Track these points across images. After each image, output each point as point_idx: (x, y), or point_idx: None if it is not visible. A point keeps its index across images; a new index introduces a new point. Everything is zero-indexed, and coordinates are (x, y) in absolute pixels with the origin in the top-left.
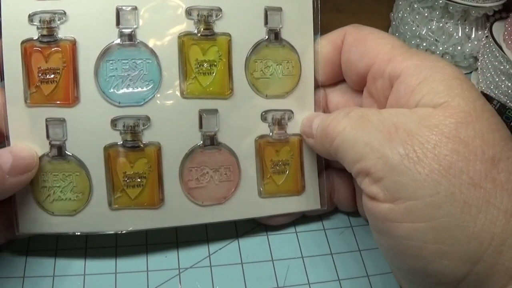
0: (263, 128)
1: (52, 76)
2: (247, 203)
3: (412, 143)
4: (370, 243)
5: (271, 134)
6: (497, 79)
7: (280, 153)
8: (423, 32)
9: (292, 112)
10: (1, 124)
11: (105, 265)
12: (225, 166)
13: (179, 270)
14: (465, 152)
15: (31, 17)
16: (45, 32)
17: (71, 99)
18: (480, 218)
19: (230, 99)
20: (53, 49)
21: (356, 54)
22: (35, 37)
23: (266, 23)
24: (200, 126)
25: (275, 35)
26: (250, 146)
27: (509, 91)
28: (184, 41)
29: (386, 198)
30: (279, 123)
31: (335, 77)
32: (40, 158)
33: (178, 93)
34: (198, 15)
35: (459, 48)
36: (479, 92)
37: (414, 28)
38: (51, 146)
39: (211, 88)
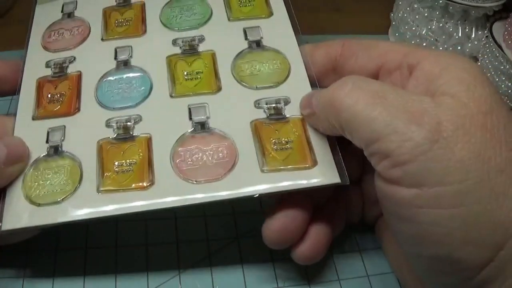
0: (258, 114)
1: (59, 97)
2: (248, 178)
3: (441, 130)
4: (370, 243)
5: (267, 116)
6: (497, 79)
7: (280, 132)
8: (423, 32)
9: (288, 98)
10: None
11: (105, 265)
12: (219, 147)
13: (179, 270)
14: (492, 140)
15: (48, 64)
16: (57, 70)
17: (73, 109)
18: (506, 204)
19: (219, 94)
20: (62, 79)
21: (364, 57)
22: (49, 74)
23: (246, 38)
24: (190, 117)
25: (256, 43)
26: (245, 128)
27: (509, 91)
28: (171, 60)
29: (411, 183)
30: (275, 107)
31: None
32: (36, 159)
33: (168, 95)
34: (182, 41)
35: (459, 48)
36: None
37: (414, 28)
38: (49, 148)
39: (198, 88)
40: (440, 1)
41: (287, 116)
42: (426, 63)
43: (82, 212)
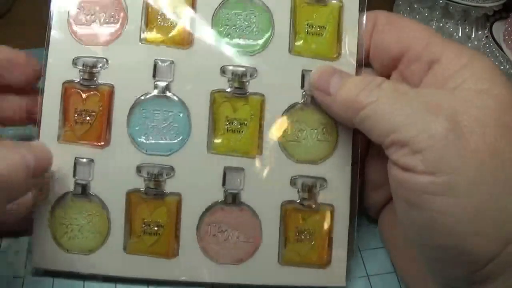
0: (291, 193)
1: (88, 118)
2: (265, 269)
3: (458, 120)
4: (370, 243)
5: (299, 201)
6: None
7: (307, 222)
8: None
9: (325, 180)
10: None
11: None
12: (246, 227)
13: None
14: (508, 136)
15: (75, 61)
16: (86, 76)
17: (102, 140)
18: None
19: (258, 160)
20: (92, 92)
21: (390, 37)
22: (77, 80)
23: (302, 86)
24: (223, 183)
25: (311, 99)
26: (275, 210)
27: None
28: (215, 97)
29: (426, 170)
30: (310, 191)
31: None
32: (63, 195)
33: (205, 148)
34: (232, 73)
35: None
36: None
37: None
38: (76, 184)
39: (239, 147)
40: (440, 1)
41: (318, 203)
42: (447, 58)
43: (108, 268)
